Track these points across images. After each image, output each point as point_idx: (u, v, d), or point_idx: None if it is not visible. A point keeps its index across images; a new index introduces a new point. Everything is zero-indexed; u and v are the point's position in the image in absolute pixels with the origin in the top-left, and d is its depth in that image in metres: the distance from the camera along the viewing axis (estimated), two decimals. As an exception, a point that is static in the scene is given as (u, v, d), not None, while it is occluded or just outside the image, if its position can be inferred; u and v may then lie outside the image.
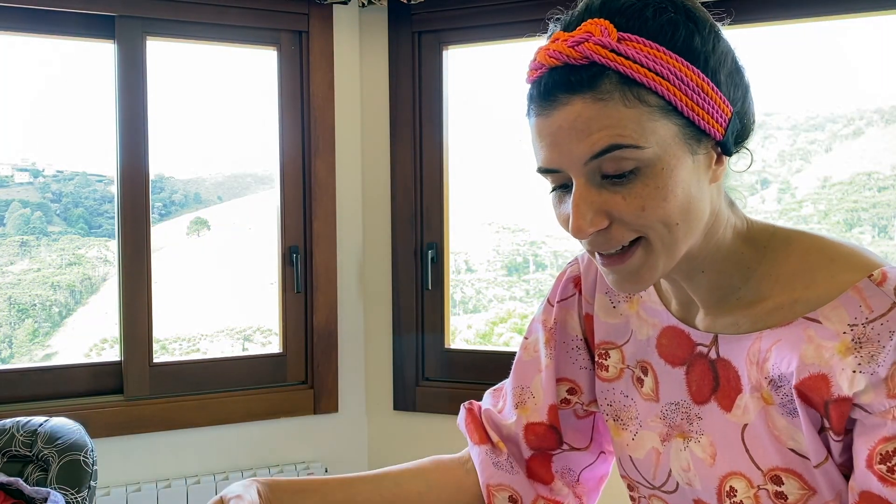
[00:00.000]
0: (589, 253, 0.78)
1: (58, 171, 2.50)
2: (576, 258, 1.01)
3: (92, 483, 1.51)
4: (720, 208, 0.78)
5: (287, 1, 2.20)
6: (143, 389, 2.12)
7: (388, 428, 2.34)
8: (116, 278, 2.16)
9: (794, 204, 2.33)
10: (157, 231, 2.25)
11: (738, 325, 0.80)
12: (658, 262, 0.74)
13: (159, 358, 2.20)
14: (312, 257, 2.26)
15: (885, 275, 0.71)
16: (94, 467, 1.53)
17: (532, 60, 0.75)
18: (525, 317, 2.57)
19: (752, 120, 0.78)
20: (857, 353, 0.69)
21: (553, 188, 0.77)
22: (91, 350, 2.46)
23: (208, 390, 2.18)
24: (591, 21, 0.71)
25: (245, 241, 2.65)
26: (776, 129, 2.35)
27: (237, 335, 2.58)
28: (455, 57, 2.29)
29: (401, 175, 2.27)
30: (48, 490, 1.38)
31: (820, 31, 2.04)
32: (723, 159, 0.75)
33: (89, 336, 2.49)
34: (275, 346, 2.37)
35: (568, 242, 2.51)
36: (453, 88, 2.28)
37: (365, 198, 2.32)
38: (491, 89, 2.44)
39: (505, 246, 2.64)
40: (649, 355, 0.90)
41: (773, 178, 2.35)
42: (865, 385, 0.68)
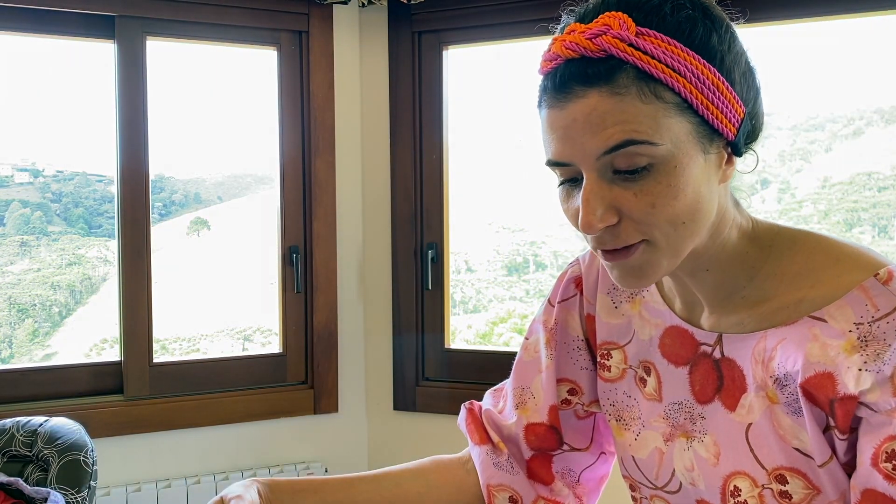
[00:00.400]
0: (593, 248, 0.77)
1: (58, 171, 2.50)
2: (577, 259, 1.01)
3: (92, 483, 1.51)
4: (726, 208, 0.78)
5: (287, 1, 2.20)
6: (143, 389, 2.12)
7: (388, 428, 2.34)
8: (116, 278, 2.16)
9: (794, 204, 2.33)
10: (157, 231, 2.25)
11: (744, 325, 0.80)
12: (661, 260, 0.74)
13: (159, 358, 2.20)
14: (312, 257, 2.26)
15: (891, 274, 0.71)
16: (94, 467, 1.53)
17: (546, 51, 0.74)
18: (525, 317, 2.57)
19: (762, 121, 0.78)
20: (863, 351, 0.69)
21: (561, 182, 0.76)
22: (91, 350, 2.46)
23: (208, 390, 2.18)
24: (608, 14, 0.70)
25: (245, 241, 2.65)
26: (776, 129, 2.35)
27: (237, 335, 2.58)
28: (455, 57, 2.28)
29: (401, 175, 2.27)
30: (48, 490, 1.38)
31: (820, 31, 2.04)
32: (733, 159, 0.75)
33: (89, 336, 2.49)
34: (275, 346, 2.37)
35: (568, 242, 2.51)
36: (453, 88, 2.28)
37: (365, 198, 2.32)
38: (491, 89, 2.44)
39: (505, 246, 2.64)
40: (652, 355, 0.90)
41: (773, 178, 2.35)
42: (871, 383, 0.68)
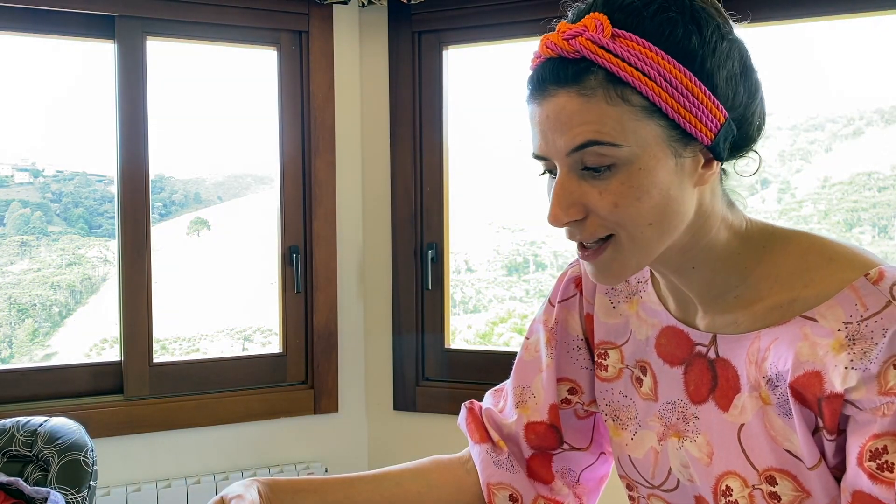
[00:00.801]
0: (568, 239, 0.80)
1: (58, 170, 2.50)
2: (577, 259, 1.01)
3: (92, 483, 1.51)
4: (713, 209, 0.78)
5: (287, 1, 2.20)
6: (143, 389, 2.12)
7: (388, 428, 2.34)
8: (116, 278, 2.16)
9: (794, 204, 2.33)
10: (157, 231, 2.25)
11: (738, 324, 0.80)
12: (629, 258, 0.76)
13: (159, 358, 2.20)
14: (312, 257, 2.26)
15: (881, 273, 0.71)
16: (94, 467, 1.53)
17: (536, 48, 0.76)
18: (525, 317, 2.57)
19: (760, 124, 0.77)
20: (850, 349, 0.69)
21: (543, 172, 0.79)
22: (91, 350, 2.46)
23: (208, 390, 2.18)
24: (591, 15, 0.71)
25: (245, 240, 2.65)
26: (776, 129, 2.35)
27: (237, 335, 2.58)
28: (455, 57, 2.29)
29: (401, 175, 2.27)
30: (48, 490, 1.38)
31: (820, 31, 2.04)
32: (712, 163, 0.74)
33: (89, 336, 2.49)
34: (275, 346, 2.37)
35: (568, 242, 2.51)
36: (453, 88, 2.28)
37: (365, 198, 2.32)
38: (491, 89, 2.44)
39: (505, 246, 2.64)
40: (648, 355, 0.90)
41: (773, 178, 2.35)
42: (857, 381, 0.68)
